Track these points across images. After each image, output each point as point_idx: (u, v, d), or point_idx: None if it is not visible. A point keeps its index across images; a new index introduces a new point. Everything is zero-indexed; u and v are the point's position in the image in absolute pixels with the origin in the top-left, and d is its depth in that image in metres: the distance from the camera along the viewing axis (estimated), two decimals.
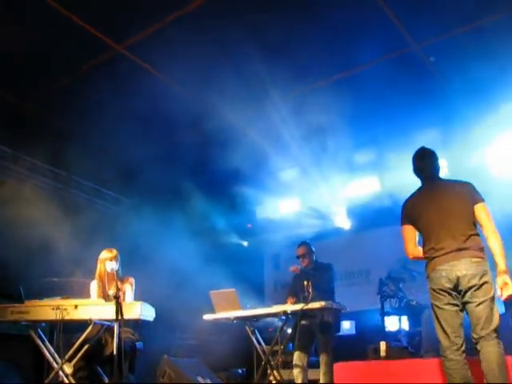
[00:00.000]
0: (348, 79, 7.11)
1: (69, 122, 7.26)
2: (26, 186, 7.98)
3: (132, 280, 5.93)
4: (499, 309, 6.52)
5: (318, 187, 9.97)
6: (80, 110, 6.73)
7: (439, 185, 4.68)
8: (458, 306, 4.29)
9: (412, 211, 4.66)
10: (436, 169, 4.76)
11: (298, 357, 6.43)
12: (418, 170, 4.81)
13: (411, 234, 4.63)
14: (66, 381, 5.08)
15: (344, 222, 10.31)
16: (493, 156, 8.36)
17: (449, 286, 4.26)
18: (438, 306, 4.34)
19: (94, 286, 5.90)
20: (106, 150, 7.56)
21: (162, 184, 8.66)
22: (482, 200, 4.45)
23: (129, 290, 5.81)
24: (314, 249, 6.92)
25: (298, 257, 6.92)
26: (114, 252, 5.86)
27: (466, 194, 4.48)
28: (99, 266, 5.86)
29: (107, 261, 5.73)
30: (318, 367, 6.43)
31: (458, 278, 4.23)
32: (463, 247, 4.31)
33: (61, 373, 5.09)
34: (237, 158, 8.30)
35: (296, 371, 6.40)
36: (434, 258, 4.38)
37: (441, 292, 4.30)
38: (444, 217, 4.43)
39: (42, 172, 8.48)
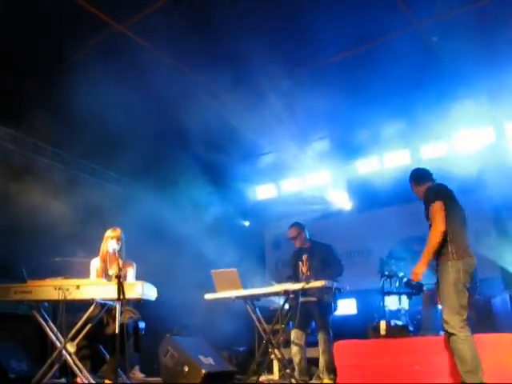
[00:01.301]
0: (343, 61, 7.10)
1: (69, 102, 7.24)
2: (27, 167, 8.00)
3: (134, 264, 5.97)
4: None
5: (319, 167, 9.99)
6: (81, 90, 6.70)
7: None
8: None
9: (450, 199, 4.90)
10: None
11: (296, 335, 6.50)
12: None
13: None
14: (70, 359, 5.14)
15: (345, 203, 10.33)
16: None
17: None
18: (467, 288, 4.59)
19: (94, 264, 5.94)
20: (106, 131, 7.54)
21: (163, 164, 8.67)
22: None
23: (130, 273, 5.85)
24: (305, 228, 6.94)
25: (289, 239, 6.97)
26: (118, 232, 5.89)
27: None
28: (103, 245, 5.90)
29: (109, 239, 5.77)
30: (318, 346, 6.49)
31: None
32: None
33: (64, 352, 5.15)
34: (237, 138, 8.31)
35: (294, 349, 6.47)
36: (468, 247, 4.72)
37: (470, 276, 4.62)
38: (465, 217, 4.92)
39: (43, 153, 8.49)
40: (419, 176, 5.26)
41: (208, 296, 6.68)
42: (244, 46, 6.47)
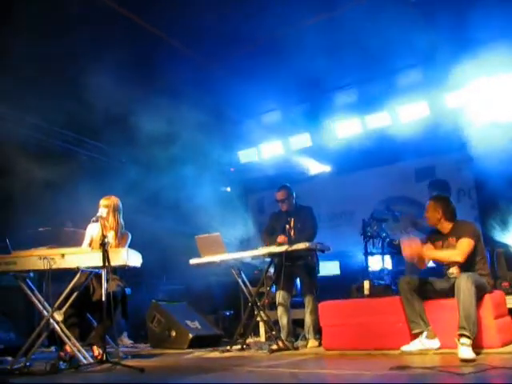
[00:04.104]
0: (329, 20, 7.04)
1: (46, 71, 7.11)
2: (10, 138, 7.91)
3: (128, 235, 5.99)
4: None
5: (301, 130, 9.99)
6: (58, 59, 6.59)
7: None
8: None
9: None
10: None
11: (281, 296, 6.52)
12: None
13: None
14: (57, 328, 5.17)
15: (324, 166, 10.39)
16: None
17: None
18: None
19: (89, 230, 5.96)
20: (89, 100, 7.44)
21: (147, 134, 8.59)
22: None
23: (122, 244, 5.84)
24: (293, 192, 6.88)
25: (277, 201, 6.91)
26: (107, 200, 5.92)
27: None
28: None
29: (100, 207, 5.78)
30: (303, 307, 6.57)
31: None
32: None
33: (51, 320, 5.17)
34: (218, 101, 8.25)
35: (280, 310, 6.53)
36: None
37: None
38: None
39: (26, 124, 8.40)
40: (452, 210, 5.37)
41: (193, 261, 6.72)
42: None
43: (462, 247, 5.01)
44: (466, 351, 4.33)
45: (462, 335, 4.43)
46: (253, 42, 7.44)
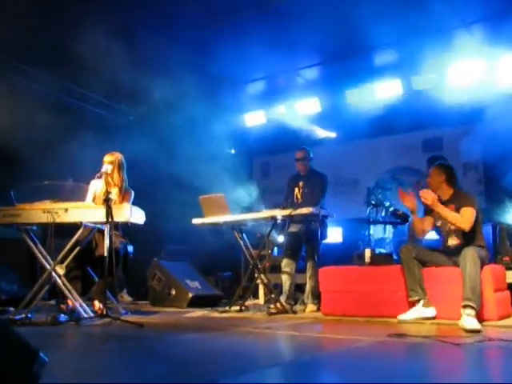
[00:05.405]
0: None
1: (71, 36, 7.03)
2: (15, 91, 7.88)
3: (131, 192, 5.98)
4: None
5: (310, 95, 9.90)
6: (84, 26, 6.50)
7: None
8: None
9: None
10: None
11: (286, 263, 6.57)
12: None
13: None
14: (59, 281, 5.21)
15: (331, 132, 10.35)
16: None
17: None
18: None
19: (93, 185, 5.95)
20: (94, 56, 7.35)
21: (152, 93, 8.53)
22: None
23: (125, 201, 5.84)
24: (311, 156, 6.87)
25: (295, 159, 6.89)
26: (111, 157, 5.89)
27: None
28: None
29: (104, 163, 5.76)
30: (305, 272, 6.60)
31: None
32: None
33: (53, 273, 5.21)
34: (225, 63, 8.15)
35: (284, 277, 6.56)
36: None
37: None
38: None
39: (32, 77, 8.36)
40: (455, 179, 5.40)
41: (196, 221, 6.73)
42: None
43: (467, 216, 5.00)
44: (472, 322, 4.35)
45: (467, 306, 4.46)
46: (262, 5, 7.30)
